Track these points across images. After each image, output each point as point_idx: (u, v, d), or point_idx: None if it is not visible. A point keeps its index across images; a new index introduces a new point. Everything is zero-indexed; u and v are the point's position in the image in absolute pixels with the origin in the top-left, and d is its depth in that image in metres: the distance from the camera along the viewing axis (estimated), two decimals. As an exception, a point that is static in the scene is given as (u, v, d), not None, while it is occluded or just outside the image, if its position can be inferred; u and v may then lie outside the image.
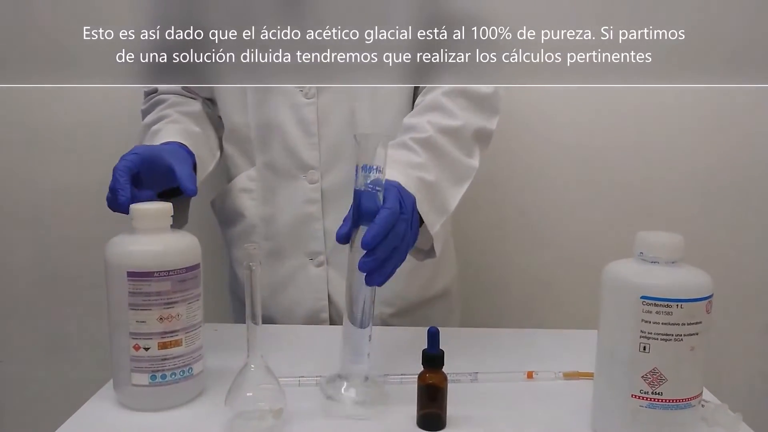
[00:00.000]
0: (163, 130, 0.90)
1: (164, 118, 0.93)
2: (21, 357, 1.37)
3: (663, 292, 0.56)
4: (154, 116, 0.94)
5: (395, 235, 0.67)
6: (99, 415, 0.67)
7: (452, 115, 0.84)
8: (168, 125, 0.91)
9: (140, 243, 0.66)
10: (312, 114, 0.90)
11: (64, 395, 0.95)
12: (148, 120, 0.95)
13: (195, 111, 0.98)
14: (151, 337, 0.65)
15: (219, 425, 0.64)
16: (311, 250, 0.94)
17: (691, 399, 0.58)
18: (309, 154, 0.91)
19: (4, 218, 1.32)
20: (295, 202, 0.93)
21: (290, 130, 0.91)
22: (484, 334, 0.91)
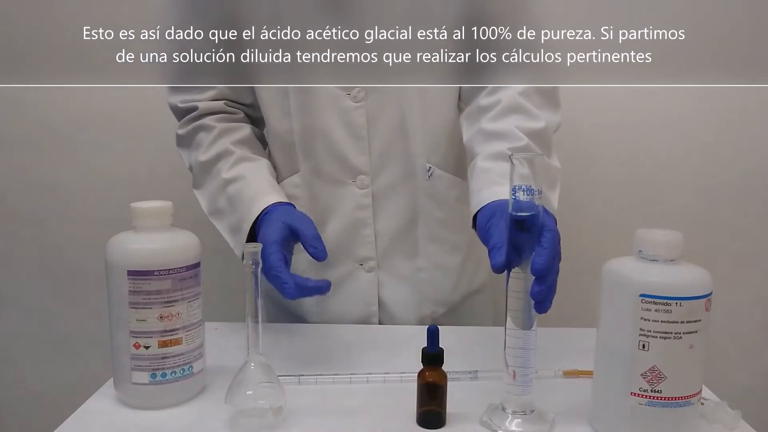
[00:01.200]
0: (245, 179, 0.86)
1: (226, 157, 0.89)
2: (21, 355, 1.37)
3: (662, 290, 0.57)
4: (209, 153, 0.89)
5: (558, 256, 0.65)
6: (99, 413, 0.68)
7: (534, 116, 0.82)
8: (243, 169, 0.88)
9: (140, 242, 0.67)
10: (361, 118, 0.88)
11: (64, 393, 0.95)
12: (203, 157, 0.89)
13: (248, 137, 0.93)
14: (152, 335, 0.66)
15: (219, 423, 0.64)
16: (362, 255, 0.93)
17: (691, 397, 0.58)
18: (359, 159, 0.89)
19: (5, 217, 1.33)
20: (345, 208, 0.91)
21: (338, 135, 0.88)
22: (483, 332, 0.91)
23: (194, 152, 0.92)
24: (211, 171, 0.90)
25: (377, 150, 0.89)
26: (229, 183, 0.87)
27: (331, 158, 0.90)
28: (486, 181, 0.77)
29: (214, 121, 0.92)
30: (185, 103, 0.93)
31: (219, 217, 0.89)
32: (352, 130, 0.88)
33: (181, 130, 0.94)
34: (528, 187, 0.60)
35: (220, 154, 0.89)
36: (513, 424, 0.63)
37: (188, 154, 0.94)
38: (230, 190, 0.87)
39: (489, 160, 0.79)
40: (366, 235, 0.92)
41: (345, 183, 0.90)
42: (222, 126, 0.92)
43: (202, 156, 0.90)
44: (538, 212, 0.61)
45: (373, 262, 0.93)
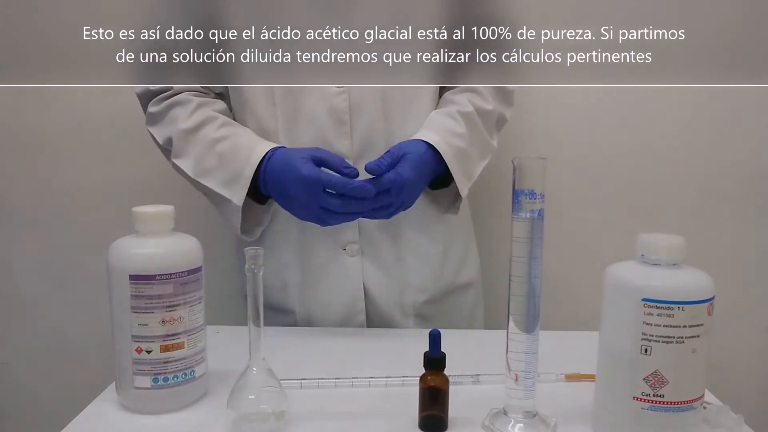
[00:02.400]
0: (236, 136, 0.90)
1: (211, 122, 0.91)
2: (24, 359, 1.37)
3: (664, 294, 0.56)
4: (191, 121, 0.91)
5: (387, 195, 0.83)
6: (101, 417, 0.68)
7: (486, 99, 0.95)
8: (232, 129, 0.91)
9: (142, 246, 0.67)
10: (344, 103, 0.90)
11: (66, 398, 0.95)
12: (184, 125, 0.91)
13: (225, 109, 0.96)
14: (154, 339, 0.66)
15: (221, 428, 0.64)
16: (345, 240, 0.94)
17: (693, 401, 0.58)
18: (341, 144, 0.91)
19: (7, 221, 1.33)
20: None
21: (321, 120, 0.90)
22: (485, 335, 0.92)
23: (171, 125, 0.92)
24: (196, 135, 0.91)
25: (359, 135, 0.91)
26: (218, 141, 0.89)
27: (315, 143, 0.91)
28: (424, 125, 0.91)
29: (190, 96, 0.93)
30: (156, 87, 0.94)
31: (208, 175, 0.90)
32: (334, 115, 0.90)
33: (153, 108, 0.94)
34: (531, 192, 0.60)
35: (204, 120, 0.91)
36: (515, 428, 0.63)
37: (162, 128, 0.94)
38: (220, 148, 0.89)
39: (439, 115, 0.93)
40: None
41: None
42: (200, 99, 0.94)
43: (183, 124, 0.91)
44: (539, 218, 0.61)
45: (356, 246, 0.94)
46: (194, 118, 0.91)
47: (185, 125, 0.91)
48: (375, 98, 0.91)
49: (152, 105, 0.95)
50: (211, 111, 0.93)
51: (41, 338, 1.36)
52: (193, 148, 0.91)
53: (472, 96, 0.94)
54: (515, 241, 0.61)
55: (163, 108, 0.94)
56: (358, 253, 0.94)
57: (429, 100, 0.95)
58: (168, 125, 0.93)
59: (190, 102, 0.93)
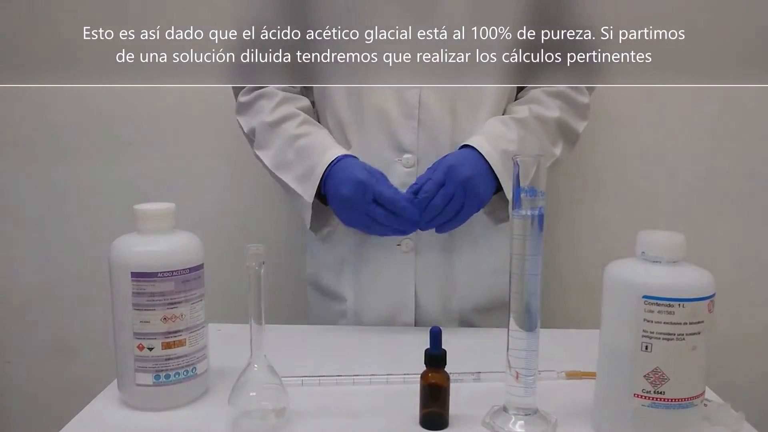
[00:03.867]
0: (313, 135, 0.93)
1: (293, 118, 0.94)
2: (26, 358, 1.37)
3: (665, 292, 0.56)
4: (274, 115, 0.95)
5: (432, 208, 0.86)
6: (103, 414, 0.68)
7: (549, 108, 0.95)
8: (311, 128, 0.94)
9: (144, 244, 0.67)
10: (414, 98, 0.91)
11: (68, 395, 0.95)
12: (268, 118, 0.95)
13: (308, 107, 0.99)
14: (155, 337, 0.66)
15: (222, 425, 0.64)
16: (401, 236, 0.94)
17: (694, 398, 0.58)
18: (407, 138, 0.92)
19: (8, 219, 1.33)
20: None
21: (391, 112, 0.92)
22: (486, 333, 0.91)
23: (257, 116, 0.97)
24: (277, 129, 0.94)
25: (426, 131, 0.92)
26: (298, 138, 0.92)
27: (382, 134, 0.92)
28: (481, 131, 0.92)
29: (277, 90, 0.97)
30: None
31: (286, 168, 0.94)
32: (404, 108, 0.91)
33: (243, 98, 0.99)
34: (531, 189, 0.60)
35: (286, 116, 0.94)
36: (516, 425, 0.63)
37: (249, 118, 0.98)
38: (299, 144, 0.92)
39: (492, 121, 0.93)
40: None
41: (391, 161, 0.92)
42: (284, 94, 0.97)
43: (268, 117, 0.95)
44: (539, 215, 0.61)
45: (411, 243, 0.95)
46: (277, 113, 0.95)
47: (269, 118, 0.95)
48: (444, 96, 0.91)
49: (242, 95, 0.99)
50: (294, 108, 0.96)
51: (42, 337, 1.36)
52: (274, 142, 0.95)
53: (533, 105, 0.95)
54: (515, 238, 0.62)
55: (250, 99, 0.98)
56: (411, 251, 0.95)
57: (496, 103, 0.95)
58: (253, 116, 0.97)
59: (275, 95, 0.96)
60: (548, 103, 0.95)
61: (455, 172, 0.86)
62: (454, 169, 0.86)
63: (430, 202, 0.86)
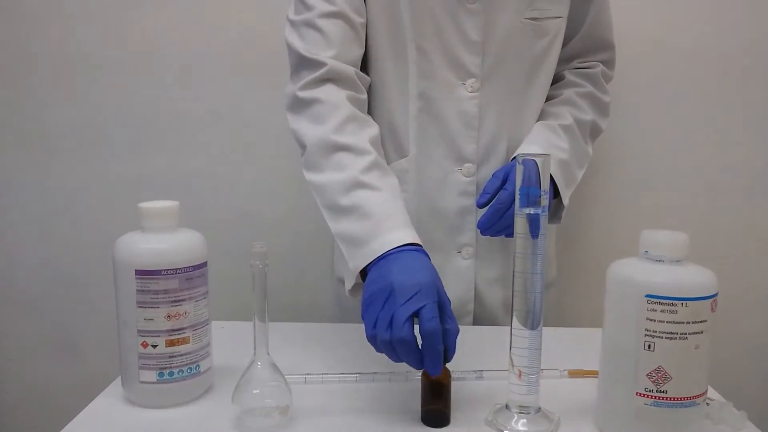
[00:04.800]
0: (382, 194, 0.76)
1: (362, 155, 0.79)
2: (30, 356, 1.38)
3: (668, 291, 0.57)
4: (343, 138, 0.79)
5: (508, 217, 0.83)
6: (107, 411, 0.68)
7: (584, 111, 0.98)
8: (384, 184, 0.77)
9: (148, 241, 0.67)
10: (474, 108, 0.91)
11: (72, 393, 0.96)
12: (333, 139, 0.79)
13: (377, 138, 0.85)
14: (159, 334, 0.66)
15: (226, 422, 0.64)
16: (462, 242, 0.94)
17: (696, 397, 0.58)
18: (467, 148, 0.92)
19: (11, 217, 1.33)
20: (450, 194, 0.93)
21: (451, 122, 0.91)
22: (489, 332, 0.92)
23: (314, 125, 0.81)
24: (334, 156, 0.79)
25: (485, 141, 0.92)
26: (361, 186, 0.76)
27: (443, 144, 0.92)
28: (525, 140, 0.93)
29: (341, 100, 0.83)
30: (311, 54, 0.83)
31: (337, 216, 0.77)
32: (464, 119, 0.91)
33: (302, 93, 0.83)
34: (534, 188, 0.60)
35: (350, 145, 0.79)
36: (518, 423, 0.63)
37: (301, 123, 0.83)
38: (360, 196, 0.75)
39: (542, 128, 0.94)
40: (468, 222, 0.94)
41: (452, 170, 0.93)
42: (351, 110, 0.82)
43: (331, 135, 0.79)
44: (539, 213, 0.61)
45: (472, 249, 0.95)
46: (341, 136, 0.79)
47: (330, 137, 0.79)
48: (499, 104, 0.92)
49: (302, 88, 0.84)
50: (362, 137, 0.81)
51: (46, 335, 1.37)
52: (330, 174, 0.78)
53: (571, 108, 0.97)
54: (518, 237, 0.62)
55: (307, 98, 0.83)
56: (472, 257, 0.95)
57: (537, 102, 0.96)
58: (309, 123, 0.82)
59: (339, 108, 0.82)
60: (582, 106, 0.98)
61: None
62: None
63: (506, 212, 0.84)
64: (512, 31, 0.89)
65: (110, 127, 1.29)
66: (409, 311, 0.61)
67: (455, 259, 0.95)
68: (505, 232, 0.88)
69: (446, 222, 0.94)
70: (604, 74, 1.02)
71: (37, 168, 1.32)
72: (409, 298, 0.62)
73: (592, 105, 0.99)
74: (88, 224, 1.31)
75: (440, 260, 0.92)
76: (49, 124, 1.30)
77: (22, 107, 1.30)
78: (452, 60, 0.89)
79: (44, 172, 1.31)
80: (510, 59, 0.90)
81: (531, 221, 0.61)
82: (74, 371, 1.36)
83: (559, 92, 1.00)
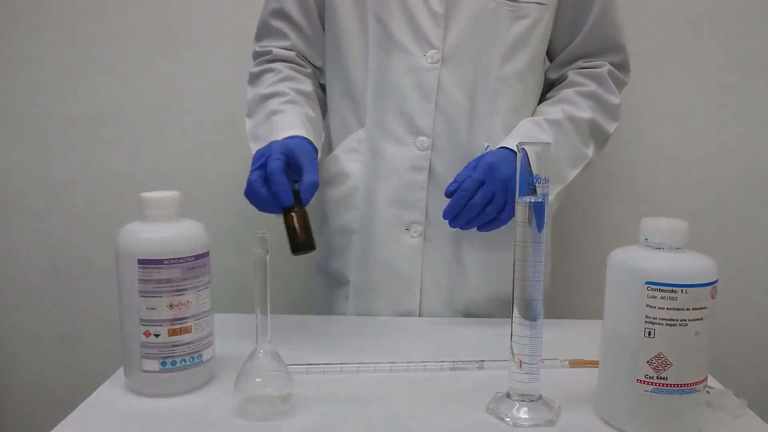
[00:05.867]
0: (286, 113, 0.91)
1: (281, 95, 0.94)
2: (32, 348, 1.38)
3: (668, 277, 0.57)
4: (269, 89, 0.95)
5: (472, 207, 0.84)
6: (110, 400, 0.68)
7: (581, 108, 0.95)
8: (289, 107, 0.92)
9: (151, 231, 0.67)
10: (433, 80, 0.90)
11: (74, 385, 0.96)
12: (263, 91, 0.96)
13: (308, 91, 0.98)
14: (162, 323, 0.66)
15: (229, 410, 0.65)
16: (410, 220, 0.93)
17: (696, 384, 0.59)
18: (423, 120, 0.91)
19: (12, 210, 1.34)
20: (402, 167, 0.92)
21: (407, 93, 0.91)
22: (490, 323, 0.92)
23: (257, 87, 0.98)
24: (264, 102, 0.95)
25: (443, 116, 0.91)
26: (275, 113, 0.91)
27: (398, 114, 0.92)
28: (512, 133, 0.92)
29: (283, 67, 0.98)
30: (262, 48, 1.01)
31: (256, 140, 0.92)
32: (421, 90, 0.90)
33: (254, 69, 1.01)
34: (535, 176, 0.60)
35: (278, 92, 0.94)
36: (519, 411, 0.64)
37: (252, 89, 0.99)
38: (273, 119, 0.91)
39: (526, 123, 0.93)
40: (417, 200, 0.93)
41: (405, 142, 0.92)
42: (289, 72, 0.98)
43: (263, 90, 0.96)
44: (542, 201, 0.61)
45: (420, 227, 0.94)
46: (273, 87, 0.95)
47: (264, 91, 0.95)
48: (465, 82, 0.91)
49: (254, 65, 1.02)
50: (290, 86, 0.95)
51: (48, 328, 1.37)
52: (258, 114, 0.95)
53: (565, 106, 0.95)
54: (519, 225, 0.62)
55: (258, 71, 1.00)
56: (420, 236, 0.94)
57: (516, 100, 0.94)
58: (255, 87, 0.98)
59: (281, 72, 0.97)
60: (581, 104, 0.95)
61: (496, 171, 0.84)
62: (494, 168, 0.85)
63: (470, 201, 0.84)
64: (484, 8, 0.89)
65: (111, 122, 1.30)
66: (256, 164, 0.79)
67: (403, 236, 0.94)
68: (474, 223, 0.86)
69: (395, 196, 0.93)
70: (612, 75, 0.98)
71: (37, 162, 1.32)
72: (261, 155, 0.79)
73: (594, 104, 0.96)
74: (89, 218, 1.32)
75: (387, 236, 0.94)
76: (50, 119, 1.31)
77: (23, 102, 1.30)
78: (414, 30, 0.90)
79: (45, 166, 1.32)
80: (481, 36, 0.90)
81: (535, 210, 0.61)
82: (76, 364, 1.36)
83: (558, 92, 0.99)
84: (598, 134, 0.98)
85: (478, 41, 0.90)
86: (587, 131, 0.96)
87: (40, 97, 1.30)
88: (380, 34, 0.91)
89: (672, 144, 1.27)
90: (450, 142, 0.91)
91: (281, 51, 1.00)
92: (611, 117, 0.98)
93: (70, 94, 1.29)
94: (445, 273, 0.95)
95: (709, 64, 1.25)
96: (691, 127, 1.27)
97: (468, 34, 0.89)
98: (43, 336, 1.38)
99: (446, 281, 0.95)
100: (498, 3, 0.89)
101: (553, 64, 1.01)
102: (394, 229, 0.94)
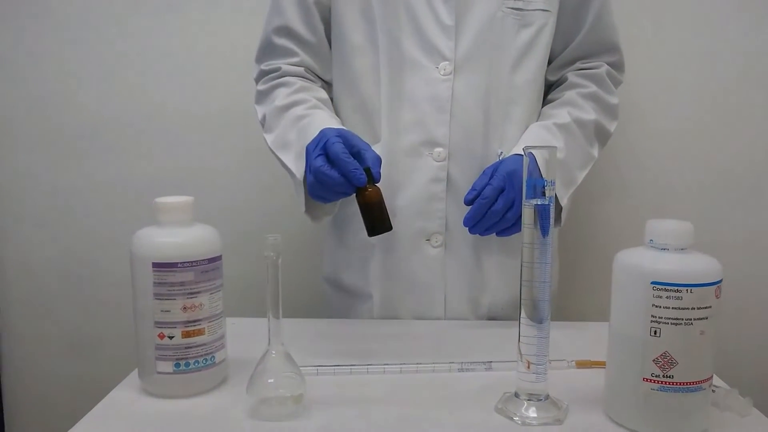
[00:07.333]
0: (315, 115, 0.91)
1: (303, 102, 0.94)
2: (46, 353, 1.40)
3: (673, 278, 0.58)
4: (287, 99, 0.94)
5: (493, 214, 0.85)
6: (125, 402, 0.69)
7: (586, 111, 0.97)
8: (316, 111, 0.92)
9: (164, 235, 0.69)
10: (447, 91, 0.91)
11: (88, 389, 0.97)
12: (280, 103, 0.95)
13: (325, 98, 0.98)
14: (175, 325, 0.68)
15: (241, 411, 0.66)
16: (430, 230, 0.94)
17: (702, 382, 0.60)
18: (439, 131, 0.92)
19: (27, 217, 1.36)
20: (420, 180, 0.93)
21: (422, 105, 0.92)
22: (497, 325, 0.93)
23: (271, 103, 0.97)
24: (285, 113, 0.94)
25: (458, 126, 0.92)
26: (302, 118, 0.91)
27: (414, 128, 0.92)
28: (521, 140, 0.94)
29: (296, 80, 0.98)
30: (268, 66, 1.00)
31: (286, 148, 0.92)
32: (436, 102, 0.91)
33: (261, 87, 1.00)
34: (541, 179, 0.61)
35: (297, 100, 0.94)
36: (528, 410, 0.64)
37: (264, 106, 0.99)
38: (302, 123, 0.90)
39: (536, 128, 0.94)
40: (437, 210, 0.93)
41: (422, 154, 0.93)
42: (303, 83, 0.98)
43: (280, 102, 0.95)
44: (547, 203, 0.62)
45: (441, 238, 0.94)
46: (290, 98, 0.94)
47: (281, 103, 0.95)
48: (478, 93, 0.92)
49: (261, 84, 1.01)
50: (308, 95, 0.95)
51: (61, 333, 1.38)
52: (281, 123, 0.94)
53: (570, 108, 0.96)
54: (525, 228, 0.63)
55: (268, 88, 0.99)
56: (441, 245, 0.94)
57: (529, 105, 0.96)
58: (267, 104, 0.98)
59: (294, 84, 0.97)
60: (584, 106, 0.97)
61: (516, 179, 0.85)
62: (514, 176, 0.85)
63: (491, 208, 0.85)
64: (492, 18, 0.90)
65: (123, 128, 1.31)
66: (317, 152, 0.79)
67: (424, 247, 0.94)
68: (494, 230, 0.87)
69: (415, 208, 0.93)
70: (610, 75, 1.01)
71: (50, 169, 1.34)
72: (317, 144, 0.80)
73: (596, 106, 0.99)
74: (102, 224, 1.33)
75: (408, 248, 0.94)
76: (62, 126, 1.32)
77: (36, 111, 1.32)
78: (425, 43, 0.90)
79: (57, 173, 1.33)
80: (490, 46, 0.91)
81: (540, 212, 0.62)
82: (89, 368, 1.37)
83: (560, 94, 1.00)
84: (601, 135, 1.00)
85: (488, 51, 0.91)
86: (592, 132, 0.98)
87: (53, 105, 1.32)
88: (391, 48, 0.92)
89: (675, 146, 1.28)
90: (466, 152, 0.92)
91: (290, 67, 0.99)
92: (612, 117, 1.01)
93: (83, 102, 1.31)
94: (466, 280, 0.96)
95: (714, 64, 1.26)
96: (695, 129, 1.28)
97: (478, 45, 0.91)
98: (56, 341, 1.39)
99: (469, 288, 0.96)
100: (505, 12, 0.91)
101: (552, 66, 1.03)
102: (416, 241, 0.94)
